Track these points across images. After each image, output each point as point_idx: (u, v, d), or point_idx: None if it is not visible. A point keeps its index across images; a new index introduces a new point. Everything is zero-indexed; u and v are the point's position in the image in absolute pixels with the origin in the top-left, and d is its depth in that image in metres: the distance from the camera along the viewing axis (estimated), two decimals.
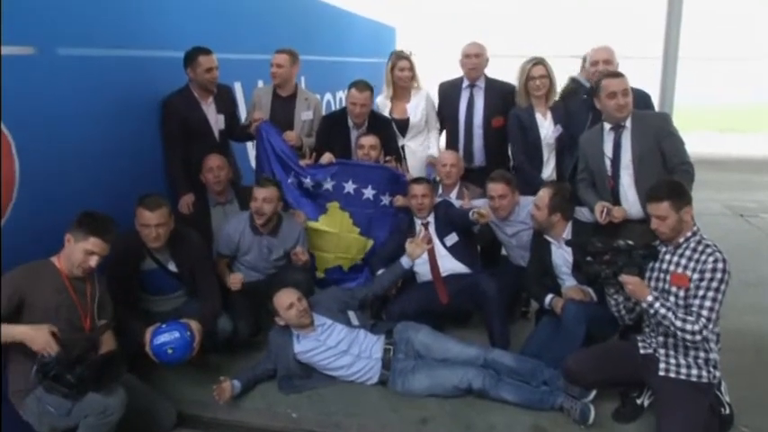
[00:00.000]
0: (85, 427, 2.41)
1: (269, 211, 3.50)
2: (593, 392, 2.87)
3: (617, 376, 2.84)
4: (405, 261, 3.46)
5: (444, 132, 4.42)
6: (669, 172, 3.15)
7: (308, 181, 3.97)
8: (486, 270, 3.79)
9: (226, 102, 4.05)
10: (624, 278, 2.67)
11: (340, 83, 6.48)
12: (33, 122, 2.79)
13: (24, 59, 2.75)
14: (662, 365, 2.71)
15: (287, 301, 3.19)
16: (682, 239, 2.68)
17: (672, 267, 2.68)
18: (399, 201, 3.99)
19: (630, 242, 2.77)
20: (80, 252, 2.50)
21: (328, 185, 3.99)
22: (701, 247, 2.63)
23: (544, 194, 3.31)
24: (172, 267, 3.22)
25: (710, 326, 2.54)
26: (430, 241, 3.60)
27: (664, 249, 2.76)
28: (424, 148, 4.37)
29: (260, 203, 3.47)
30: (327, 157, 3.94)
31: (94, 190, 3.18)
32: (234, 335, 3.38)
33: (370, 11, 9.47)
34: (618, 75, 3.25)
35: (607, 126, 3.29)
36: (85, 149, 3.17)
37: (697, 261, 2.60)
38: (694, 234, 2.68)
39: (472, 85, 4.17)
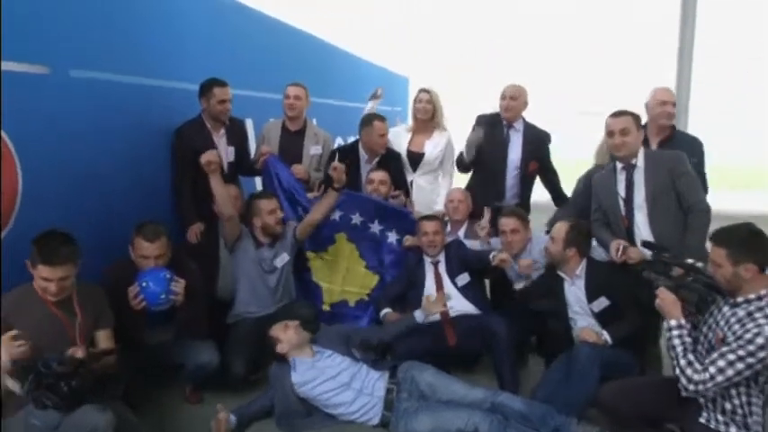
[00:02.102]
0: None
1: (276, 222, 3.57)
2: None
3: (653, 413, 2.61)
4: (419, 315, 3.35)
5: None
6: (685, 213, 3.06)
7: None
8: (495, 311, 3.65)
9: (237, 135, 4.03)
10: (661, 291, 2.50)
11: (350, 128, 6.51)
12: (42, 141, 2.79)
13: (37, 78, 2.77)
14: (704, 413, 2.45)
15: (282, 324, 3.17)
16: (740, 299, 2.33)
17: (722, 323, 2.37)
18: (409, 241, 3.90)
19: (701, 265, 2.59)
20: (38, 280, 2.42)
21: (335, 216, 3.92)
22: (758, 315, 2.25)
23: (561, 227, 3.23)
24: None
25: (711, 386, 2.25)
26: (446, 303, 3.47)
27: (723, 300, 2.45)
28: (434, 187, 4.31)
29: (270, 217, 3.53)
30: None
31: (100, 213, 3.17)
32: (226, 371, 3.23)
33: (384, 60, 9.65)
34: (620, 114, 3.17)
35: (619, 165, 3.22)
36: (93, 171, 3.15)
37: (743, 325, 2.26)
38: (759, 299, 2.29)
39: (509, 126, 4.15)
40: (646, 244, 3.00)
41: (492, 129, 4.14)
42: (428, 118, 4.24)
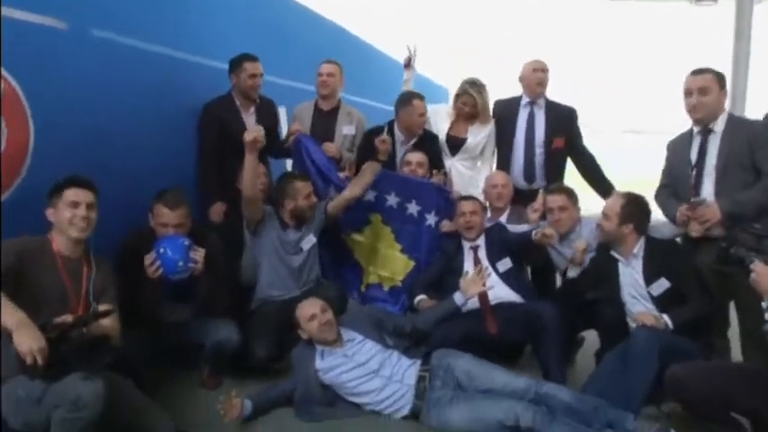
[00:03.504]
0: (57, 425, 2.05)
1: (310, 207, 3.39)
2: None
3: (736, 401, 2.24)
4: (458, 298, 3.04)
5: (495, 157, 4.11)
6: None
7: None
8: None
9: (268, 114, 3.89)
10: (757, 265, 2.15)
11: None
12: (58, 96, 2.68)
13: (55, 33, 2.66)
14: None
15: (309, 311, 2.85)
16: None
17: None
18: (446, 226, 3.65)
19: None
20: (65, 211, 2.31)
21: (370, 196, 3.70)
22: None
23: (615, 202, 2.91)
24: None
25: None
26: (488, 276, 3.16)
27: None
28: (472, 173, 4.05)
29: (306, 201, 3.34)
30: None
31: (119, 178, 3.02)
32: (248, 355, 3.01)
33: (426, 70, 9.42)
34: (701, 71, 2.87)
35: (695, 129, 2.92)
36: (113, 134, 3.04)
37: None
38: None
39: (532, 103, 3.91)
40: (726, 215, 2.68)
41: (511, 110, 3.95)
42: (473, 114, 3.98)
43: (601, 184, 3.88)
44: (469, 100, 3.90)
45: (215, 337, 2.94)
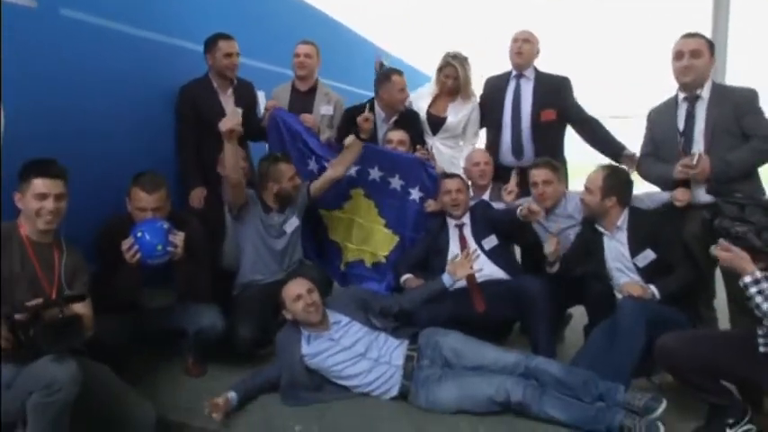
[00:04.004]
0: (32, 410, 1.99)
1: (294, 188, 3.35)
2: (662, 406, 2.31)
3: (724, 368, 2.26)
4: (446, 279, 2.98)
5: (485, 133, 4.01)
6: None
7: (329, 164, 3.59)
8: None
9: (246, 96, 3.80)
10: (717, 251, 2.16)
11: None
12: (26, 80, 2.59)
13: (23, 11, 2.56)
14: None
15: (295, 291, 2.78)
16: None
17: None
18: (431, 206, 3.58)
19: None
20: (32, 201, 2.24)
21: (351, 171, 3.62)
22: None
23: (596, 175, 2.88)
24: None
25: None
26: (476, 258, 3.10)
27: None
28: (454, 152, 3.96)
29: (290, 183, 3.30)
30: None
31: (91, 167, 2.90)
32: (232, 336, 2.94)
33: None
34: (693, 35, 2.85)
35: (681, 95, 2.90)
36: (84, 116, 2.95)
37: None
38: None
39: (519, 75, 3.79)
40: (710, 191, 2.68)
41: (500, 86, 3.83)
42: (455, 87, 3.89)
43: (610, 146, 3.61)
44: (452, 72, 3.81)
45: (198, 324, 2.86)
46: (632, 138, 3.48)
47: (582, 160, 3.45)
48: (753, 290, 2.05)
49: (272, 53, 4.80)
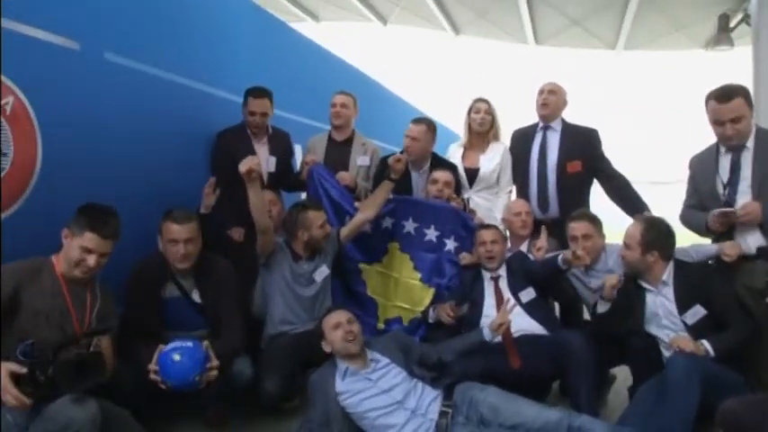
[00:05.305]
0: None
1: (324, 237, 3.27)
2: None
3: None
4: (487, 333, 2.87)
5: (513, 187, 3.97)
6: None
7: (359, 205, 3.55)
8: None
9: (281, 146, 3.82)
10: None
11: None
12: (69, 117, 2.65)
13: (66, 53, 2.64)
14: None
15: (335, 319, 2.69)
16: None
17: None
18: (465, 258, 3.48)
19: None
20: (77, 249, 2.21)
21: (387, 223, 3.57)
22: None
23: (634, 229, 2.76)
24: (196, 297, 2.82)
25: None
26: (512, 308, 2.97)
27: None
28: (491, 205, 3.89)
29: (320, 231, 3.22)
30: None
31: (125, 207, 2.87)
32: (258, 389, 2.83)
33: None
34: (729, 97, 2.66)
35: (723, 147, 2.79)
36: (124, 158, 2.99)
37: None
38: None
39: (546, 127, 3.78)
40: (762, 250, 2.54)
41: (527, 137, 3.82)
42: (485, 130, 3.90)
43: (635, 204, 3.49)
44: (481, 106, 3.86)
45: (225, 371, 2.74)
46: (673, 201, 3.34)
47: (605, 216, 3.31)
48: None
49: (312, 108, 4.88)
